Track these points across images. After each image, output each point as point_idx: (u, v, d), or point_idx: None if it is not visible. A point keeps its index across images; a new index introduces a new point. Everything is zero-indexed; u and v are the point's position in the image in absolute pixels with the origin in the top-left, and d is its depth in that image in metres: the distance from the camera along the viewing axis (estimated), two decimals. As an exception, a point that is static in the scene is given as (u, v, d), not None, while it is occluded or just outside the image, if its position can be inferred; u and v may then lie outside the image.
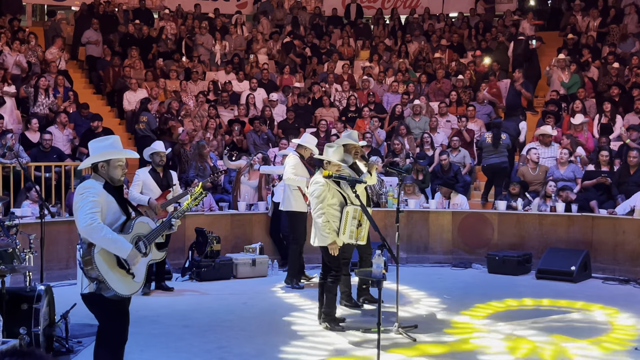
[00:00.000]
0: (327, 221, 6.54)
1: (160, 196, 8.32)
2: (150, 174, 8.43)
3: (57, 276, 8.63)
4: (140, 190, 8.35)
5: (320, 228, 6.56)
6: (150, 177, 8.41)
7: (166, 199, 8.31)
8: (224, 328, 6.76)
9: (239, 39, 16.64)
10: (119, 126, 13.60)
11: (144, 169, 8.54)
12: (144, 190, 8.36)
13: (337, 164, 6.69)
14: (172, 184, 8.49)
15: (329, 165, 6.68)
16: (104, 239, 4.18)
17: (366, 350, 6.00)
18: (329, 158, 6.67)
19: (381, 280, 5.34)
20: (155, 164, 8.47)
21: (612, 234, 9.56)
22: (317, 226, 6.63)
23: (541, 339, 6.37)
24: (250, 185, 10.81)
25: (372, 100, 13.96)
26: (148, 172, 8.44)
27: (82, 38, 15.26)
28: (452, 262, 10.39)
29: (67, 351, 5.86)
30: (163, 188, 8.41)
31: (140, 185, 8.37)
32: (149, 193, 8.33)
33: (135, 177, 8.53)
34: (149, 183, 8.38)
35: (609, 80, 13.79)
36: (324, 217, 6.53)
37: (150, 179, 8.40)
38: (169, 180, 8.50)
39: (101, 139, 4.57)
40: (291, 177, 8.48)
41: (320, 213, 6.56)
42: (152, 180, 8.40)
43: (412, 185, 10.98)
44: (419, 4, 18.89)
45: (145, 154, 8.56)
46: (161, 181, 8.45)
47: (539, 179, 10.96)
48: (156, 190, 8.37)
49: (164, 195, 8.34)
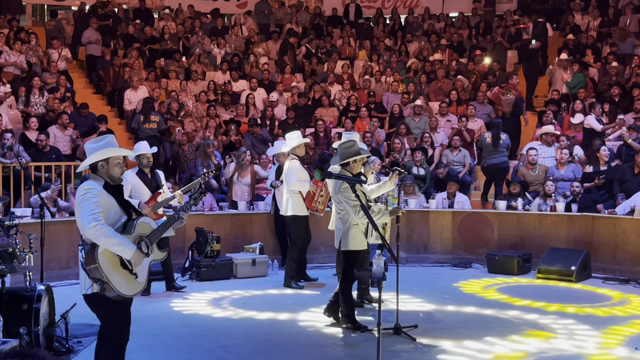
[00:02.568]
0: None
1: (151, 198, 7.89)
2: (138, 176, 8.12)
3: (57, 276, 8.63)
4: (129, 193, 7.98)
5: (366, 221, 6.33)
6: (139, 179, 8.10)
7: (157, 200, 7.83)
8: (224, 328, 6.76)
9: (239, 39, 16.64)
10: (119, 126, 13.60)
11: (131, 171, 8.16)
12: (132, 193, 8.01)
13: (362, 158, 6.65)
14: (161, 184, 8.21)
15: (355, 163, 6.62)
16: (108, 239, 4.18)
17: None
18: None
19: (381, 280, 5.33)
20: (142, 165, 8.14)
21: (612, 234, 9.55)
22: (354, 226, 6.54)
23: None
24: (244, 184, 10.85)
25: (373, 101, 13.97)
26: (136, 174, 8.14)
27: (82, 38, 15.26)
28: (452, 262, 10.39)
29: (67, 351, 5.86)
30: (152, 190, 8.07)
31: (129, 189, 8.00)
32: (139, 196, 7.96)
33: (124, 181, 8.31)
34: (138, 185, 8.08)
35: (609, 80, 13.80)
36: (362, 212, 6.19)
37: (139, 180, 8.09)
38: (157, 181, 8.21)
39: (97, 139, 4.55)
40: (297, 183, 8.48)
41: (359, 209, 6.29)
42: (141, 182, 8.09)
43: (412, 185, 10.98)
44: (419, 4, 18.89)
45: (131, 155, 8.12)
46: (150, 182, 8.14)
47: (539, 179, 10.96)
48: (146, 192, 8.03)
49: (155, 197, 7.90)
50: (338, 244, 6.72)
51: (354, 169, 6.64)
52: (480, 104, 13.55)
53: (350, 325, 6.65)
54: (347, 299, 6.71)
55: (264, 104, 14.04)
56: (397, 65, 15.70)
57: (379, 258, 5.44)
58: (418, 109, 13.25)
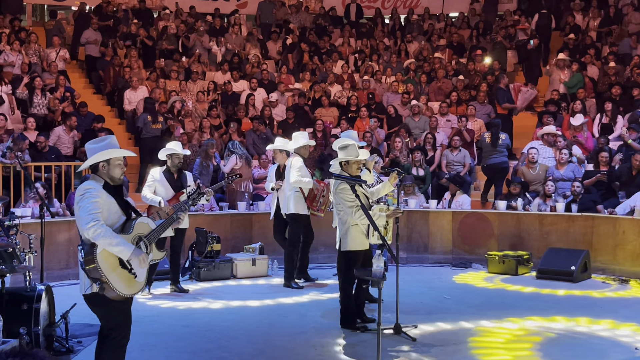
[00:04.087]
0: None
1: (173, 197, 8.08)
2: (164, 175, 8.24)
3: (57, 276, 8.64)
4: (153, 190, 8.17)
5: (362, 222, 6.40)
6: (164, 178, 8.22)
7: (179, 200, 7.95)
8: (224, 328, 6.76)
9: (239, 39, 16.64)
10: (119, 126, 13.60)
11: (158, 169, 8.31)
12: (157, 191, 8.17)
13: (357, 161, 6.64)
14: (186, 185, 8.25)
15: (347, 165, 6.62)
16: (106, 239, 4.18)
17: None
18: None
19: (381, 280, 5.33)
20: (173, 165, 8.25)
21: (612, 234, 9.56)
22: (354, 227, 6.55)
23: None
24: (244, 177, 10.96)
25: (373, 101, 13.96)
26: (162, 173, 8.25)
27: (82, 38, 15.26)
28: (452, 262, 10.40)
29: (67, 351, 5.86)
30: (176, 190, 8.19)
31: (153, 186, 8.18)
32: (161, 194, 8.13)
33: (149, 178, 8.32)
34: (162, 184, 8.20)
35: (609, 80, 13.79)
36: (359, 212, 6.30)
37: (164, 179, 8.21)
38: (182, 182, 8.28)
39: (98, 139, 4.57)
40: (300, 179, 8.46)
41: (356, 210, 6.35)
42: (166, 181, 8.21)
43: (412, 185, 10.99)
44: (418, 4, 18.89)
45: (162, 154, 8.35)
46: (175, 182, 8.24)
47: (538, 178, 10.96)
48: (169, 191, 8.17)
49: (177, 197, 8.06)
50: (338, 244, 6.72)
51: (350, 170, 6.62)
52: (480, 104, 13.55)
53: (350, 326, 6.65)
54: (347, 300, 6.70)
55: (263, 104, 14.03)
56: (397, 65, 15.70)
57: (379, 258, 5.44)
58: (417, 109, 13.25)
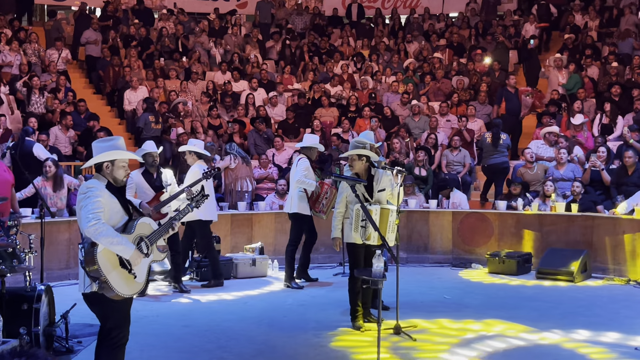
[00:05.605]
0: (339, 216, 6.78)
1: (153, 198, 7.83)
2: (143, 176, 8.15)
3: (57, 276, 8.63)
4: (133, 193, 8.02)
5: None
6: (143, 179, 8.13)
7: (159, 200, 7.77)
8: (224, 328, 6.76)
9: (238, 39, 16.64)
10: (119, 126, 13.60)
11: (137, 171, 8.20)
12: (137, 192, 8.06)
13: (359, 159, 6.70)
14: (167, 184, 8.17)
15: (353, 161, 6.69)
16: (107, 238, 4.19)
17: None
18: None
19: (381, 280, 5.34)
20: (148, 164, 8.16)
21: (612, 234, 9.56)
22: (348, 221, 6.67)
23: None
24: (241, 176, 10.96)
25: (373, 101, 13.97)
26: (141, 174, 8.16)
27: (82, 38, 15.27)
28: (452, 262, 10.40)
29: (67, 351, 5.85)
30: (156, 190, 8.05)
31: (133, 189, 8.04)
32: (143, 196, 7.99)
33: (129, 181, 8.25)
34: (142, 185, 8.10)
35: (609, 80, 13.80)
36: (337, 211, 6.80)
37: (143, 180, 8.12)
38: (161, 181, 8.20)
39: (105, 139, 4.60)
40: (303, 180, 8.47)
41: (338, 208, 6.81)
42: (145, 182, 8.12)
43: (412, 186, 10.98)
44: (419, 4, 18.90)
45: (138, 154, 8.37)
46: (154, 182, 8.15)
47: (537, 178, 10.95)
48: (149, 192, 8.04)
49: (157, 197, 7.84)
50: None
51: (354, 167, 6.63)
52: (480, 104, 13.55)
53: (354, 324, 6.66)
54: (350, 295, 6.70)
55: (262, 103, 14.03)
56: (397, 65, 15.71)
57: (379, 258, 5.45)
58: (417, 109, 13.25)
